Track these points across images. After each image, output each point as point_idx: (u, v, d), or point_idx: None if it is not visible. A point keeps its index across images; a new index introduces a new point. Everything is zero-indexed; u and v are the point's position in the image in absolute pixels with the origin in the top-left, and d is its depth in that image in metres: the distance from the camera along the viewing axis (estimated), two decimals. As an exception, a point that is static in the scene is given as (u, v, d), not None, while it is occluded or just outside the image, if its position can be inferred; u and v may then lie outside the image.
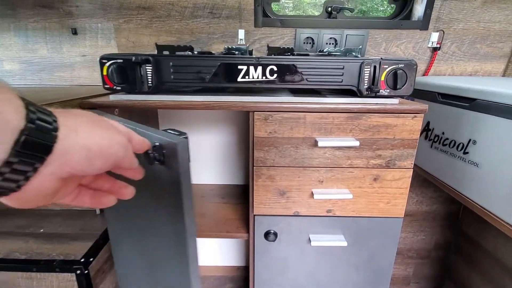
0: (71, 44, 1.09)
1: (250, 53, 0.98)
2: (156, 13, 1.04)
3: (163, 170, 0.43)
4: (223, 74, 0.72)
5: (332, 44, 1.10)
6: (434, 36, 1.07)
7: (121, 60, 0.70)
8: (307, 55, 0.78)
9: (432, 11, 1.04)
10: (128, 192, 0.33)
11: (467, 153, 0.81)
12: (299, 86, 0.73)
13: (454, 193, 0.87)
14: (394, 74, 0.70)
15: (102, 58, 0.69)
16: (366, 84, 0.71)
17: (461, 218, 1.38)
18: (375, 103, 0.73)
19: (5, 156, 0.20)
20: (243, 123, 1.11)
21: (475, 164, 0.78)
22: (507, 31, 1.07)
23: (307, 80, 0.72)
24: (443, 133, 0.91)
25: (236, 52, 0.81)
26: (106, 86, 0.72)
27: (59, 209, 0.99)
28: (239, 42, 1.08)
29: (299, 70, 0.71)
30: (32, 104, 0.22)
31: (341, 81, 0.72)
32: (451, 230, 1.42)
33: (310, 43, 1.10)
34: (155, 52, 0.87)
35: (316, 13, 1.21)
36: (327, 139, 0.74)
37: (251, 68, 0.71)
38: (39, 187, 0.22)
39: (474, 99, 0.78)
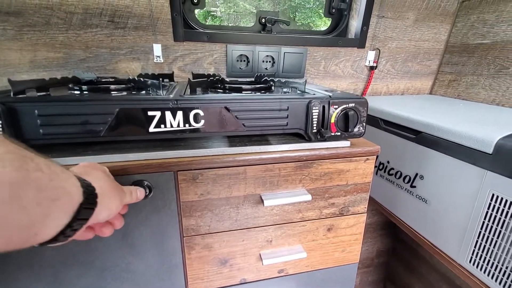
0: None
1: (171, 78, 0.77)
2: (27, 21, 0.73)
3: None
4: (126, 124, 0.50)
5: (270, 62, 0.96)
6: (371, 55, 1.03)
7: None
8: (241, 89, 0.61)
9: (368, 28, 0.99)
10: (121, 222, 0.44)
11: (414, 187, 0.77)
12: (235, 134, 0.57)
13: (403, 226, 0.83)
14: (345, 116, 0.59)
15: None
16: (315, 128, 0.58)
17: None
18: (325, 147, 0.61)
19: (69, 221, 0.28)
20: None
21: (423, 199, 0.75)
22: (435, 49, 1.10)
23: (244, 125, 0.56)
24: (388, 162, 0.86)
25: (148, 85, 0.59)
26: None
27: None
28: (155, 59, 0.85)
29: (234, 114, 0.54)
30: (82, 180, 0.31)
31: (286, 125, 0.58)
32: (390, 238, 1.47)
33: (244, 60, 0.94)
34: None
35: (249, 7, 1.05)
36: (274, 197, 0.59)
37: (168, 113, 0.51)
38: (77, 234, 0.31)
39: (420, 132, 0.74)
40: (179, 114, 0.52)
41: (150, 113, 0.50)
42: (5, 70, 0.77)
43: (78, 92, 0.55)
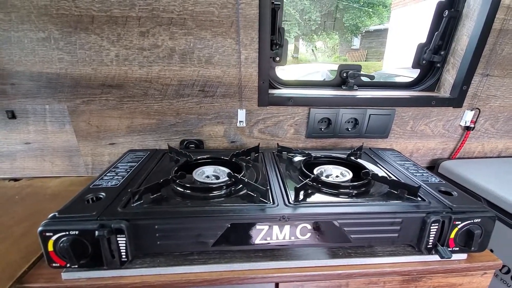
0: (8, 130, 0.80)
1: (256, 150, 0.76)
2: (128, 92, 0.78)
3: None
4: (234, 237, 0.50)
5: (352, 122, 0.90)
6: (469, 115, 0.91)
7: (76, 232, 0.45)
8: (339, 187, 0.57)
9: (469, 87, 0.88)
10: None
11: (531, 293, 0.66)
12: (340, 246, 0.53)
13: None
14: (468, 233, 0.52)
15: (43, 231, 0.44)
16: (430, 244, 0.52)
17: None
18: (438, 260, 0.54)
19: None
20: None
21: (544, 312, 0.64)
22: (546, 107, 0.94)
23: (351, 238, 0.52)
24: (491, 251, 0.75)
25: (252, 187, 0.56)
26: (54, 264, 0.47)
27: None
28: (238, 124, 0.85)
29: (342, 228, 0.51)
30: None
31: (397, 237, 0.53)
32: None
33: (325, 122, 0.89)
34: (128, 155, 0.61)
35: (293, 12, 1.00)
36: (376, 312, 0.55)
37: (275, 227, 0.50)
38: None
39: (546, 235, 0.63)
40: (286, 228, 0.50)
41: (258, 226, 0.49)
42: (105, 134, 0.83)
43: (181, 189, 0.56)
